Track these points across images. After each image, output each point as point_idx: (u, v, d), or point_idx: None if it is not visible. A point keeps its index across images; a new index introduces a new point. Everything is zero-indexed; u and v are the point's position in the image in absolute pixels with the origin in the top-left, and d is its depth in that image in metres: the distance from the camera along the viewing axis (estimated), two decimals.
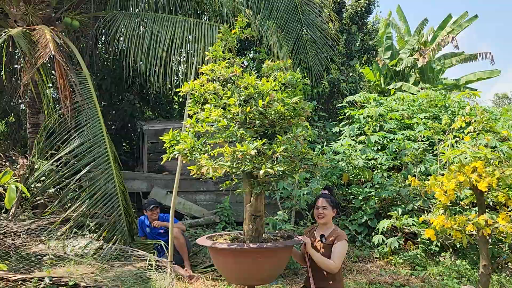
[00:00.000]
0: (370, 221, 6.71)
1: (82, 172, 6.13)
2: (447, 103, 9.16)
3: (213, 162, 3.25)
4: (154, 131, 8.10)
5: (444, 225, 3.56)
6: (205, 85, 3.46)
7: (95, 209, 6.17)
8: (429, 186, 3.87)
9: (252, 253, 3.33)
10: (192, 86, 3.49)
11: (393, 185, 5.90)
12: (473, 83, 18.11)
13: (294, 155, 3.14)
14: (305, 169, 3.24)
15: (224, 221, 7.62)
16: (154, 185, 7.77)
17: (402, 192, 5.70)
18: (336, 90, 10.52)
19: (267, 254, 3.42)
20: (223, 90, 3.40)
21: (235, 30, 3.62)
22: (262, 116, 3.19)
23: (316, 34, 7.95)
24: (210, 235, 3.87)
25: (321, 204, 3.86)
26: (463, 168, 3.65)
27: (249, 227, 3.66)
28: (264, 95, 3.17)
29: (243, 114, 3.20)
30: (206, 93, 3.46)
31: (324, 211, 3.84)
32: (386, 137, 7.31)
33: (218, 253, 3.46)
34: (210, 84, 3.43)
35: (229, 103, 3.24)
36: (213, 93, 3.44)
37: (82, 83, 6.55)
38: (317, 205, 3.89)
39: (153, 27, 6.96)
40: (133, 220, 6.32)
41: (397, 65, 17.01)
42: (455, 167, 3.73)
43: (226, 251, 3.37)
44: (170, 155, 3.35)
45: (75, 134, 6.25)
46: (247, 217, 3.68)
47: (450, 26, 17.61)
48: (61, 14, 7.16)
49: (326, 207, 3.85)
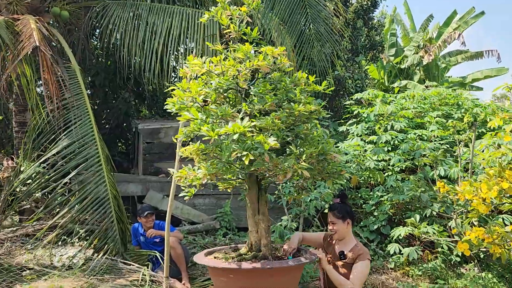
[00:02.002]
0: (382, 227, 6.21)
1: (71, 175, 5.62)
2: (459, 101, 8.67)
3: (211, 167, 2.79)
4: (150, 131, 7.58)
5: (485, 239, 3.07)
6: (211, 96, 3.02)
7: (85, 215, 5.67)
8: (461, 193, 3.37)
9: (262, 274, 2.83)
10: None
11: (412, 189, 5.39)
12: (480, 81, 17.64)
13: (320, 160, 2.68)
14: (329, 176, 2.78)
15: (224, 227, 7.12)
16: (149, 188, 7.26)
17: (423, 197, 5.20)
18: (341, 88, 10.03)
19: (279, 274, 2.93)
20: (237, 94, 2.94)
21: (243, 8, 3.14)
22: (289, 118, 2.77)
23: (322, 27, 7.45)
24: (209, 251, 3.38)
25: (329, 218, 3.41)
26: (504, 172, 3.16)
27: (254, 237, 3.17)
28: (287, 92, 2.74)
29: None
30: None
31: (334, 227, 3.38)
32: (397, 136, 6.82)
33: (219, 274, 2.97)
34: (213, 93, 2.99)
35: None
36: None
37: (71, 78, 6.04)
38: (328, 221, 3.44)
39: (149, 17, 6.44)
40: (126, 228, 5.81)
41: (401, 62, 16.52)
42: (494, 171, 3.24)
43: (229, 271, 2.87)
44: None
45: (64, 133, 5.74)
46: (251, 223, 3.20)
47: (456, 23, 17.13)
48: (49, 4, 6.63)
49: (334, 222, 3.38)
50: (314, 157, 2.72)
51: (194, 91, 2.99)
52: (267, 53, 2.92)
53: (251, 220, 3.15)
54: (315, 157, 2.73)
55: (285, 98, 2.88)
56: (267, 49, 2.93)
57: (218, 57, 3.06)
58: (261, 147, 2.50)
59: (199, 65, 3.06)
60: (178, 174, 3.03)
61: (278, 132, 2.73)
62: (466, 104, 8.34)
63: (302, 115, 2.80)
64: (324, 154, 2.79)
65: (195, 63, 3.07)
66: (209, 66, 3.04)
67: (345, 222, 3.37)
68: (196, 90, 3.00)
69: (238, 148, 2.54)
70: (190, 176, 2.92)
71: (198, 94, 3.03)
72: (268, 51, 2.92)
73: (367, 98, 8.32)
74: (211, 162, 2.92)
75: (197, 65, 3.06)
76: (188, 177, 2.95)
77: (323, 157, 2.80)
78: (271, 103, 2.78)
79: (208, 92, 3.04)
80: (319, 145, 2.74)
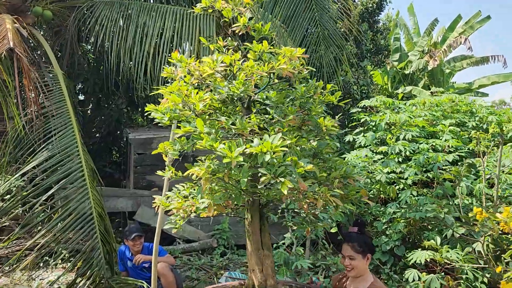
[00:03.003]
0: (396, 248, 5.64)
1: (50, 191, 5.05)
2: (473, 108, 8.14)
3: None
4: (142, 141, 7.01)
5: None
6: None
7: (66, 235, 5.09)
8: (505, 222, 2.81)
9: None
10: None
11: (436, 210, 4.81)
12: (486, 87, 17.17)
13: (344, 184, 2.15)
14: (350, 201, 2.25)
15: (222, 245, 6.55)
16: (141, 203, 6.68)
17: (447, 220, 4.63)
18: (347, 94, 9.49)
19: None
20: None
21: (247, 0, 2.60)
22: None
23: (326, 30, 6.90)
24: None
25: (346, 252, 2.83)
26: None
27: (259, 278, 2.61)
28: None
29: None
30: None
31: (352, 263, 2.81)
32: (409, 146, 6.28)
33: None
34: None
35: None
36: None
37: (53, 84, 5.49)
38: (342, 253, 2.86)
39: (139, 18, 5.89)
40: (112, 249, 5.23)
41: (406, 68, 16.02)
42: None
43: None
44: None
45: (43, 145, 5.18)
46: (254, 261, 2.63)
47: (462, 27, 16.67)
48: (31, 3, 6.09)
49: (352, 257, 2.81)
50: (338, 181, 2.18)
51: (198, 97, 2.39)
52: (286, 55, 2.36)
53: (255, 256, 2.59)
54: (340, 181, 2.19)
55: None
56: (286, 50, 2.38)
57: (234, 55, 2.47)
58: (294, 171, 1.94)
59: (210, 64, 2.46)
60: (174, 205, 2.44)
61: (298, 151, 2.18)
62: (480, 112, 7.82)
63: (326, 131, 2.25)
64: (347, 178, 2.25)
65: (208, 61, 2.46)
66: (219, 66, 2.47)
67: (365, 257, 2.82)
68: (200, 96, 2.40)
69: (267, 172, 1.97)
70: (189, 208, 2.34)
71: (202, 101, 2.44)
72: (286, 52, 2.36)
73: (374, 105, 7.78)
74: (218, 187, 2.35)
75: (208, 64, 2.46)
76: (186, 209, 2.36)
77: (346, 181, 2.26)
78: (293, 117, 2.23)
79: (214, 99, 2.46)
80: (342, 167, 2.19)
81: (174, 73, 2.61)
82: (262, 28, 2.67)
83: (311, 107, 2.33)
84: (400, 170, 6.20)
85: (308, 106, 2.34)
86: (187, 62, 2.57)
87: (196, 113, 2.48)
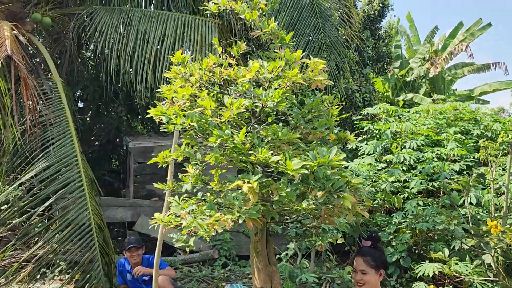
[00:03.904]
0: (402, 259, 5.51)
1: (48, 201, 4.92)
2: (477, 116, 8.05)
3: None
4: (142, 149, 6.89)
5: None
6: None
7: (64, 247, 4.96)
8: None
9: None
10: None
11: (445, 222, 4.69)
12: (487, 94, 17.10)
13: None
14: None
15: (224, 256, 6.41)
16: (140, 213, 6.55)
17: (457, 232, 4.50)
18: (349, 101, 9.40)
19: None
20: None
21: (262, 4, 2.52)
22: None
23: (328, 38, 6.81)
24: None
25: (358, 266, 2.69)
26: None
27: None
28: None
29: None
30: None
31: (364, 277, 2.67)
32: (414, 155, 6.17)
33: None
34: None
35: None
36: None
37: (52, 91, 5.38)
38: (354, 267, 2.73)
39: (140, 24, 5.79)
40: (111, 261, 5.10)
41: (407, 75, 15.95)
42: None
43: None
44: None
45: (41, 154, 5.06)
46: (263, 278, 2.51)
47: (463, 35, 16.63)
48: (30, 9, 6.00)
49: (365, 271, 2.66)
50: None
51: (237, 104, 2.25)
52: (317, 66, 2.28)
53: (263, 274, 2.47)
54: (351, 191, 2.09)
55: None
56: (314, 61, 2.29)
57: (275, 63, 2.34)
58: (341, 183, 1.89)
59: (257, 69, 2.32)
60: (190, 223, 2.26)
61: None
62: (484, 120, 7.73)
63: (332, 142, 2.15)
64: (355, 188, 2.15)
65: (255, 66, 2.32)
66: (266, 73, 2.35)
67: (378, 273, 2.68)
68: (241, 102, 2.25)
69: (316, 185, 1.89)
70: (192, 224, 2.19)
71: (239, 109, 2.29)
72: (312, 65, 2.27)
73: (378, 113, 7.68)
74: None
75: (252, 70, 2.33)
76: (209, 228, 2.19)
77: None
78: (319, 130, 2.13)
79: (250, 107, 2.32)
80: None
81: (180, 74, 2.49)
82: (286, 36, 2.59)
83: (327, 120, 2.24)
84: (405, 179, 6.09)
85: (321, 119, 2.23)
86: (207, 63, 2.45)
87: (225, 121, 2.31)
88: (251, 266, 2.65)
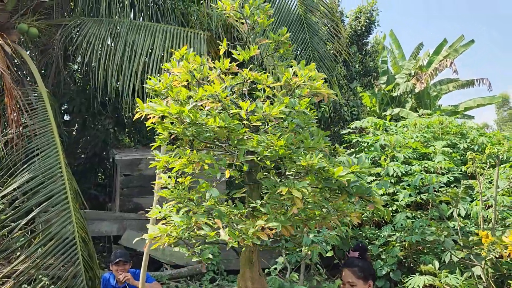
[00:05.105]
0: (392, 272, 5.47)
1: (31, 215, 4.79)
2: (463, 130, 8.16)
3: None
4: (129, 162, 6.79)
5: None
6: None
7: (47, 261, 4.81)
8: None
9: None
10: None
11: (436, 233, 4.67)
12: (472, 110, 17.40)
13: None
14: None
15: (212, 270, 6.29)
16: (127, 227, 6.42)
17: (447, 244, 4.49)
18: (337, 115, 9.45)
19: None
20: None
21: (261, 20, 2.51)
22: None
23: (320, 49, 6.87)
24: None
25: (346, 278, 2.63)
26: None
27: None
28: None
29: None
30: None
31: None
32: (402, 168, 6.20)
33: None
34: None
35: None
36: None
37: (37, 102, 5.29)
38: (342, 280, 2.67)
39: (128, 36, 5.75)
40: (96, 276, 4.96)
41: (393, 90, 16.16)
42: None
43: None
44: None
45: (25, 166, 4.94)
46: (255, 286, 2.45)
47: (446, 51, 16.98)
48: (16, 20, 5.93)
49: (353, 284, 2.60)
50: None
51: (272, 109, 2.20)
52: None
53: (258, 284, 2.40)
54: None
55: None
56: (319, 75, 2.30)
57: (306, 71, 2.34)
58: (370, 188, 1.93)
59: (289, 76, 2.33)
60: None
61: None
62: (471, 134, 7.83)
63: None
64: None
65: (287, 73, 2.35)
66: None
67: (367, 284, 2.63)
68: (280, 107, 2.21)
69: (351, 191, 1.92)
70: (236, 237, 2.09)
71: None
72: (316, 77, 2.28)
73: (366, 126, 7.73)
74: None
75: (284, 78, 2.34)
76: (230, 241, 2.10)
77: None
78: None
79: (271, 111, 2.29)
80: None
81: (158, 86, 2.45)
82: (289, 48, 2.61)
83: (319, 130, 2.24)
84: (393, 191, 6.10)
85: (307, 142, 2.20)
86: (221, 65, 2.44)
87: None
88: (240, 279, 2.58)
